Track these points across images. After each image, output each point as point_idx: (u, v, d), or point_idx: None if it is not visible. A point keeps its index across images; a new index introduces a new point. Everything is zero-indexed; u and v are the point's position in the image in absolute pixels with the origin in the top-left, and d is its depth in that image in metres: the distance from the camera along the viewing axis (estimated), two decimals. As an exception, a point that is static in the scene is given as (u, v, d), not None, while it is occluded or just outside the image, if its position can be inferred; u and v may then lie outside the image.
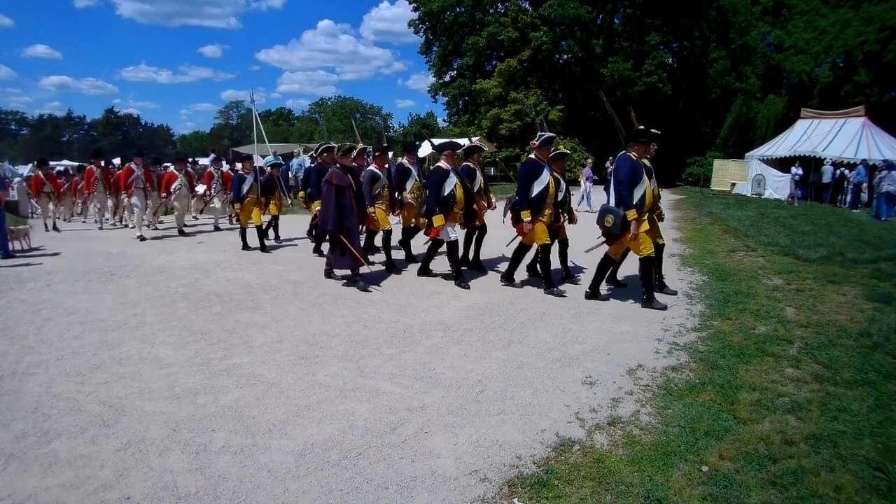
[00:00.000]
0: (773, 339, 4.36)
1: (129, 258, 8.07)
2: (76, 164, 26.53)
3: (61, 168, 25.37)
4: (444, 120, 40.28)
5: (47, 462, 2.67)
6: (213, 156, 14.50)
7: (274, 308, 5.40)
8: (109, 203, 12.38)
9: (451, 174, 6.26)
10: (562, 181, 6.31)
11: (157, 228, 11.80)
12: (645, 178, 5.32)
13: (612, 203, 5.39)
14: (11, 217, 12.54)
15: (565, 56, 30.92)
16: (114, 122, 75.29)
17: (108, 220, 12.71)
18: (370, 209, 6.96)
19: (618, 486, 2.48)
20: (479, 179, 6.92)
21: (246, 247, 8.85)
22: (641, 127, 5.71)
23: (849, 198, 17.11)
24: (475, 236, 7.21)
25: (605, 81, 28.81)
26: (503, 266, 6.89)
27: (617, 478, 2.55)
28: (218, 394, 3.43)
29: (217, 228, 11.69)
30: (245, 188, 8.82)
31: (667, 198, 19.01)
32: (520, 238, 6.09)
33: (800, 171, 18.29)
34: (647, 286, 5.41)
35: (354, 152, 7.50)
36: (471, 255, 7.31)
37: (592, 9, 29.18)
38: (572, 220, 6.74)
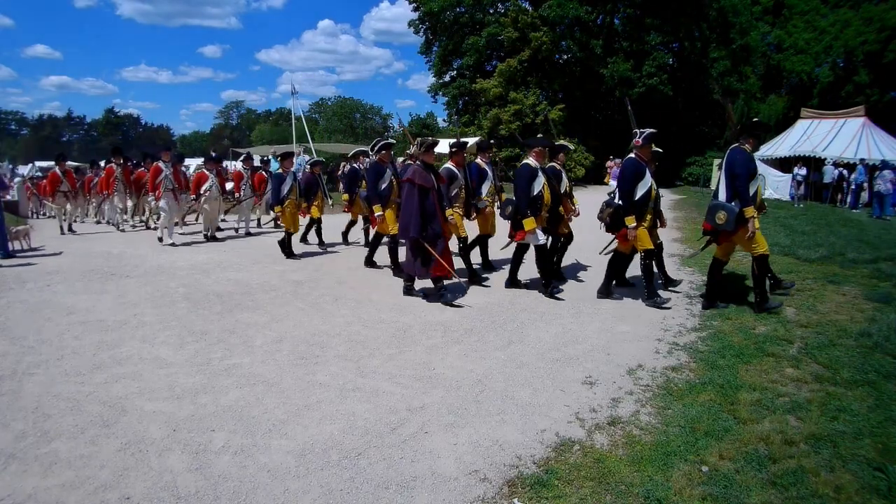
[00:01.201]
0: (773, 339, 4.36)
1: (129, 258, 8.07)
2: (76, 164, 26.53)
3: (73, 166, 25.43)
4: (443, 120, 40.29)
5: (47, 462, 2.67)
6: (243, 154, 13.47)
7: (274, 308, 5.40)
8: (129, 204, 11.69)
9: (540, 173, 5.73)
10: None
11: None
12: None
13: (723, 199, 5.01)
14: (11, 217, 12.55)
15: (565, 56, 30.92)
16: (114, 122, 75.35)
17: (127, 221, 11.85)
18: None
19: (618, 486, 2.48)
20: (566, 182, 6.46)
21: (290, 254, 8.12)
22: (756, 119, 5.54)
23: (849, 198, 17.12)
24: (560, 245, 6.63)
25: (606, 82, 28.83)
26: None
27: (617, 478, 2.55)
28: (218, 394, 3.43)
29: (248, 234, 10.81)
30: (285, 189, 8.12)
31: (667, 198, 19.01)
32: (616, 244, 5.72)
33: (802, 172, 18.28)
34: (711, 287, 5.34)
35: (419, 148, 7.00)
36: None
37: (592, 9, 29.19)
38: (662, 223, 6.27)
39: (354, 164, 8.82)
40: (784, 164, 19.86)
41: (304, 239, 9.30)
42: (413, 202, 5.43)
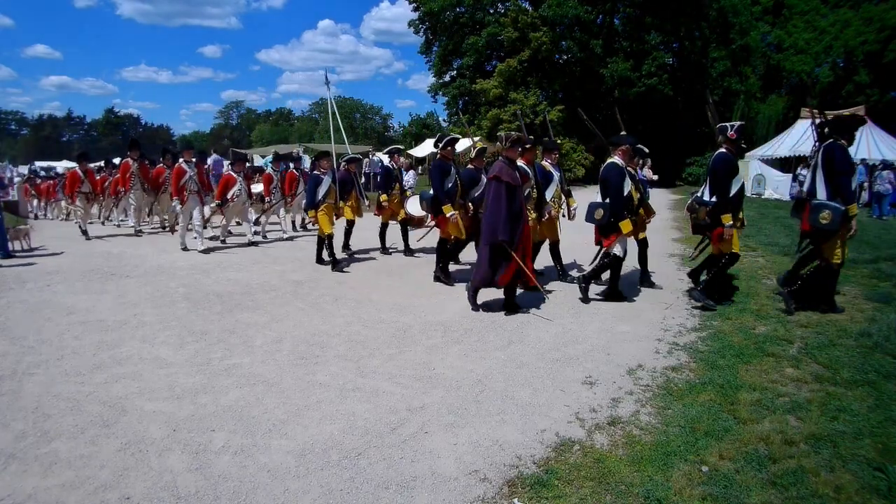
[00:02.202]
0: (773, 339, 4.36)
1: (129, 258, 8.07)
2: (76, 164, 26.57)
3: (62, 167, 25.35)
4: (444, 120, 40.28)
5: (47, 462, 2.67)
6: (273, 153, 12.30)
7: (274, 308, 5.40)
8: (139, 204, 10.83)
9: (627, 173, 5.40)
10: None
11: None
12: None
13: (824, 197, 4.82)
14: (11, 217, 12.56)
15: (565, 56, 30.92)
16: (114, 122, 75.43)
17: (147, 222, 11.23)
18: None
19: (618, 486, 2.48)
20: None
21: (321, 260, 7.60)
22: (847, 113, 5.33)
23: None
24: (637, 252, 6.31)
25: (606, 82, 28.83)
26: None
27: (617, 478, 2.55)
28: (218, 394, 3.43)
29: (291, 238, 10.14)
30: (322, 192, 7.37)
31: (667, 198, 19.02)
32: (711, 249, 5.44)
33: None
34: (829, 294, 5.02)
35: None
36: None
37: (592, 8, 29.19)
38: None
39: (388, 164, 8.35)
40: (784, 164, 19.86)
41: (346, 246, 8.56)
42: (501, 202, 4.95)
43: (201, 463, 2.67)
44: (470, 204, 6.29)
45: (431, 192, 6.33)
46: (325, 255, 7.57)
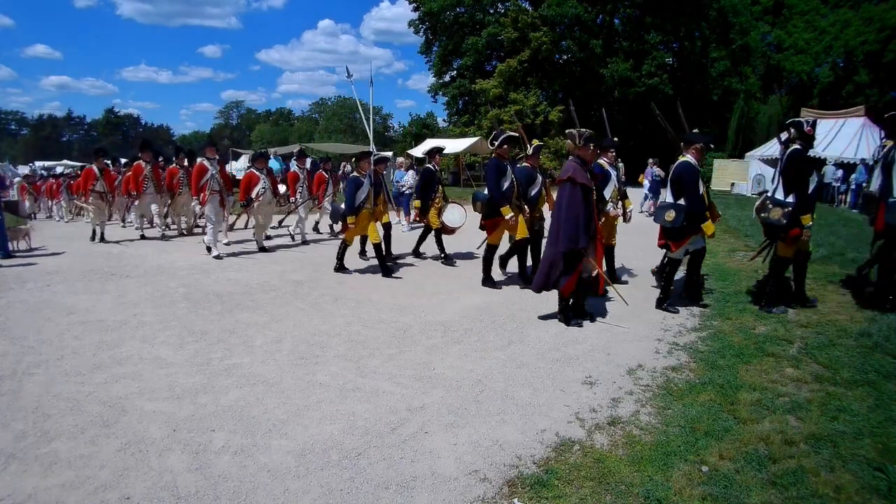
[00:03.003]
0: (773, 339, 4.36)
1: (129, 258, 8.07)
2: (78, 164, 26.48)
3: (63, 167, 25.28)
4: (443, 120, 40.28)
5: (47, 462, 2.67)
6: (296, 151, 11.65)
7: (274, 308, 5.40)
8: (155, 207, 10.35)
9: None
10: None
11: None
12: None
13: (882, 189, 4.74)
14: (11, 217, 12.54)
15: (565, 56, 30.94)
16: (114, 122, 75.42)
17: (158, 226, 10.62)
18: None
19: (618, 486, 2.48)
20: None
21: (342, 268, 7.08)
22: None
23: (849, 198, 17.12)
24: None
25: (605, 82, 28.84)
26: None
27: (617, 478, 2.55)
28: (218, 394, 3.43)
29: (305, 241, 9.67)
30: (362, 196, 6.81)
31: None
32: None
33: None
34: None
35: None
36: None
37: (592, 8, 29.21)
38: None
39: (428, 165, 7.76)
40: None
41: (363, 253, 8.10)
42: (577, 205, 4.63)
43: (201, 463, 2.67)
44: (525, 206, 6.06)
45: (486, 192, 5.97)
46: (342, 260, 7.12)
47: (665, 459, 2.68)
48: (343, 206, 6.81)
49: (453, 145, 26.69)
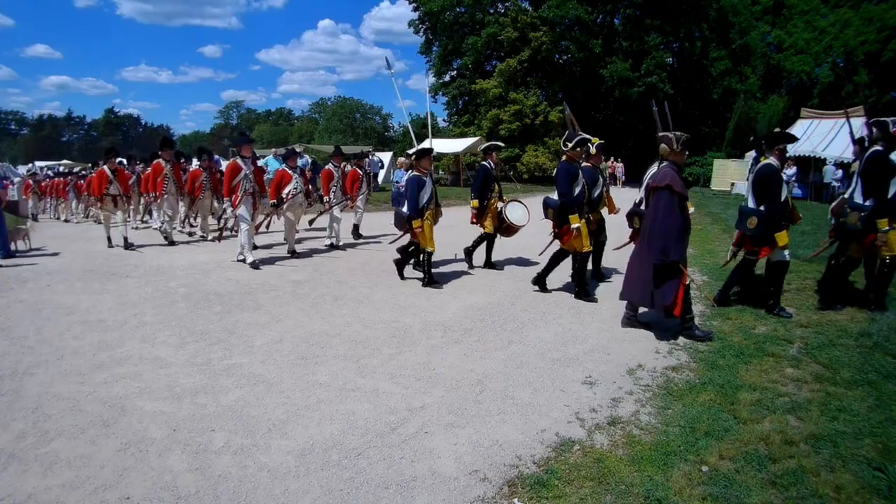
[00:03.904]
0: (773, 339, 4.36)
1: (129, 258, 8.07)
2: (78, 164, 26.46)
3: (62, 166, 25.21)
4: (443, 120, 40.31)
5: (47, 462, 2.67)
6: (332, 149, 10.61)
7: (274, 308, 5.40)
8: (181, 208, 9.87)
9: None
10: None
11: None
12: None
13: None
14: (11, 217, 12.54)
15: (565, 56, 30.95)
16: (114, 122, 75.46)
17: (176, 228, 10.04)
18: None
19: (618, 486, 2.48)
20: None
21: (432, 281, 6.37)
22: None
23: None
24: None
25: (605, 82, 28.84)
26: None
27: (617, 478, 2.55)
28: (218, 394, 3.43)
29: (336, 246, 9.01)
30: (425, 196, 6.17)
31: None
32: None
33: (790, 172, 18.20)
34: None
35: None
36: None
37: (592, 9, 29.21)
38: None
39: (484, 162, 7.19)
40: (794, 164, 19.85)
41: (414, 262, 7.23)
42: (674, 216, 4.34)
43: (201, 463, 2.67)
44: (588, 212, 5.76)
45: (556, 197, 5.59)
46: (430, 273, 6.44)
47: (665, 459, 2.68)
48: (405, 209, 6.23)
49: (453, 145, 26.71)
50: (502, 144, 7.47)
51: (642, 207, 4.95)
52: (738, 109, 26.40)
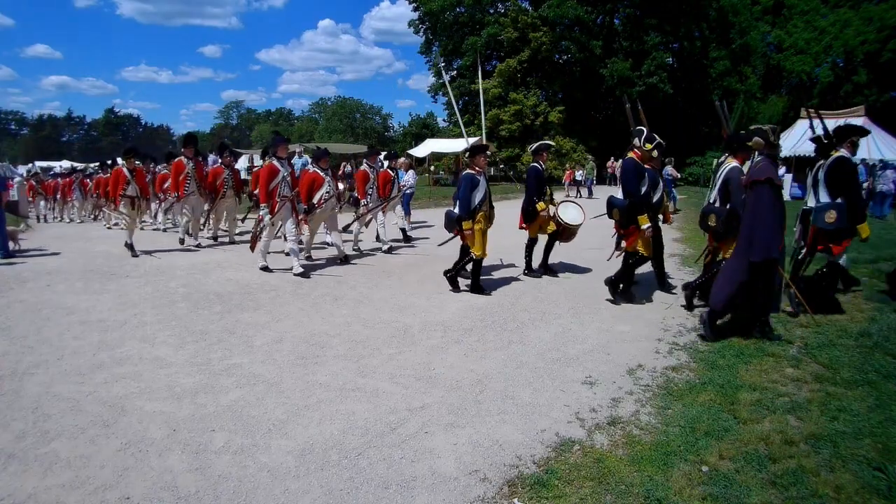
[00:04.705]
0: (773, 340, 4.35)
1: (129, 258, 8.06)
2: (79, 164, 26.39)
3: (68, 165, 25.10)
4: (443, 120, 40.33)
5: (47, 462, 2.67)
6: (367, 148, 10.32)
7: (274, 308, 5.40)
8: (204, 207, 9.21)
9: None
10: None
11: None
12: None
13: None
14: (11, 217, 12.52)
15: (565, 56, 30.97)
16: (114, 122, 75.45)
17: (203, 235, 9.46)
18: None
19: (618, 486, 2.48)
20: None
21: (478, 287, 5.97)
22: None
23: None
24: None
25: (605, 81, 28.86)
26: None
27: (617, 478, 2.54)
28: (218, 394, 3.43)
29: (390, 250, 8.54)
30: (478, 197, 5.75)
31: (667, 198, 18.98)
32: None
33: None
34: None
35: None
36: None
37: (592, 9, 29.23)
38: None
39: (535, 164, 6.82)
40: (784, 164, 19.85)
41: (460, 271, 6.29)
42: (776, 211, 4.12)
43: (201, 463, 2.67)
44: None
45: (620, 196, 5.39)
46: (478, 279, 6.07)
47: (665, 459, 2.68)
48: (456, 209, 5.82)
49: (453, 145, 26.72)
50: (553, 143, 6.96)
51: (717, 205, 4.86)
52: (738, 109, 26.39)
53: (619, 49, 29.68)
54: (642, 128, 5.42)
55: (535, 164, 6.71)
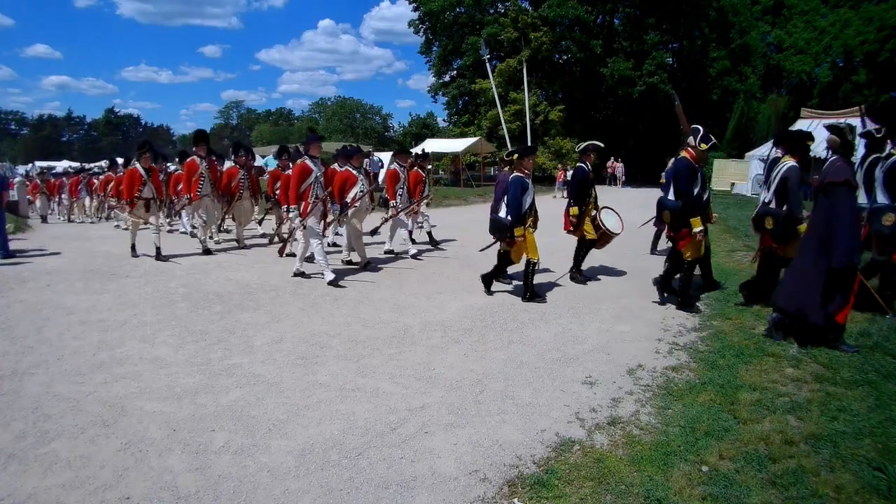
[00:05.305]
0: (773, 339, 4.35)
1: (129, 258, 8.06)
2: (69, 164, 26.34)
3: (63, 167, 25.06)
4: (443, 120, 40.33)
5: (47, 462, 2.67)
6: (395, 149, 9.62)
7: (274, 308, 5.40)
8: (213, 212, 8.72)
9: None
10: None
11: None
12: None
13: None
14: (11, 217, 12.52)
15: (565, 56, 30.98)
16: (114, 122, 75.46)
17: (212, 235, 9.04)
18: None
19: (618, 486, 2.48)
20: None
21: (535, 295, 5.70)
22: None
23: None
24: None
25: (606, 81, 28.86)
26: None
27: (617, 478, 2.54)
28: (218, 394, 3.43)
29: (418, 255, 8.17)
30: (528, 200, 5.49)
31: (667, 198, 18.97)
32: None
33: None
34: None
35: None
36: None
37: (592, 9, 29.23)
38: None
39: (581, 164, 6.47)
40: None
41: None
42: (854, 214, 3.94)
43: (201, 463, 2.67)
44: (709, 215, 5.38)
45: (671, 198, 5.16)
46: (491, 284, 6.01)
47: (665, 459, 2.68)
48: (504, 215, 5.56)
49: (453, 145, 26.71)
50: (601, 144, 6.59)
51: (772, 206, 4.75)
52: (738, 109, 26.40)
53: (620, 49, 29.68)
54: (698, 126, 5.17)
55: (582, 165, 6.46)
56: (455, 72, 34.60)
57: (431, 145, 28.11)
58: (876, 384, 3.47)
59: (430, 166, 8.33)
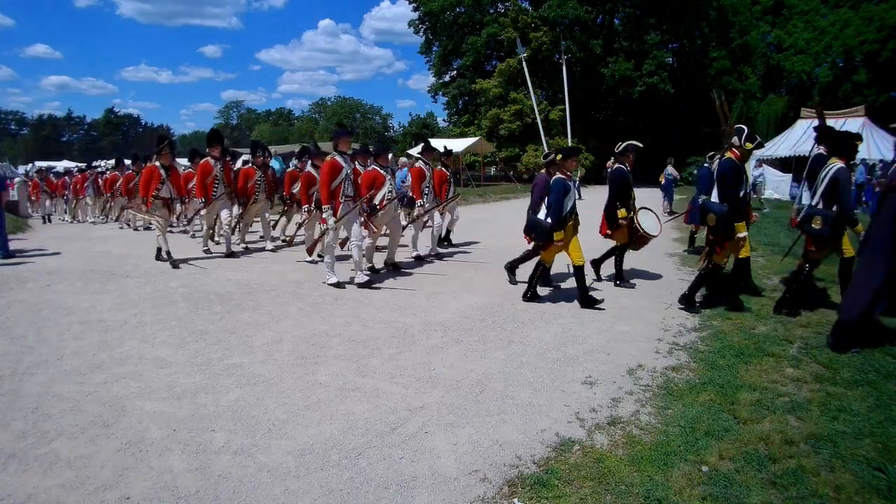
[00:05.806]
0: (773, 339, 4.36)
1: (129, 258, 8.06)
2: (77, 164, 26.34)
3: (61, 167, 25.00)
4: (443, 120, 40.33)
5: (47, 462, 2.67)
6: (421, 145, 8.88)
7: (274, 308, 5.40)
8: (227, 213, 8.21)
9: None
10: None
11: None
12: None
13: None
14: (12, 217, 12.52)
15: (565, 56, 31.00)
16: (114, 122, 75.49)
17: (237, 242, 8.70)
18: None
19: (618, 486, 2.48)
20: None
21: (534, 296, 5.65)
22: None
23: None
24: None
25: (606, 81, 28.87)
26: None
27: (617, 478, 2.54)
28: (218, 394, 3.43)
29: (438, 256, 8.06)
30: (569, 203, 5.31)
31: (667, 198, 19.01)
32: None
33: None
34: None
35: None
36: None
37: (592, 9, 29.24)
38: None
39: (621, 165, 6.27)
40: (784, 165, 19.88)
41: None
42: None
43: (201, 463, 2.67)
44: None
45: (716, 201, 4.98)
46: (535, 286, 5.70)
47: (665, 459, 2.68)
48: (544, 217, 5.34)
49: (453, 145, 26.70)
50: (640, 144, 6.34)
51: (820, 207, 4.69)
52: (737, 109, 26.41)
53: (620, 49, 29.69)
54: (742, 126, 5.03)
55: (621, 166, 6.21)
56: (455, 72, 34.63)
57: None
58: (876, 384, 3.47)
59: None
